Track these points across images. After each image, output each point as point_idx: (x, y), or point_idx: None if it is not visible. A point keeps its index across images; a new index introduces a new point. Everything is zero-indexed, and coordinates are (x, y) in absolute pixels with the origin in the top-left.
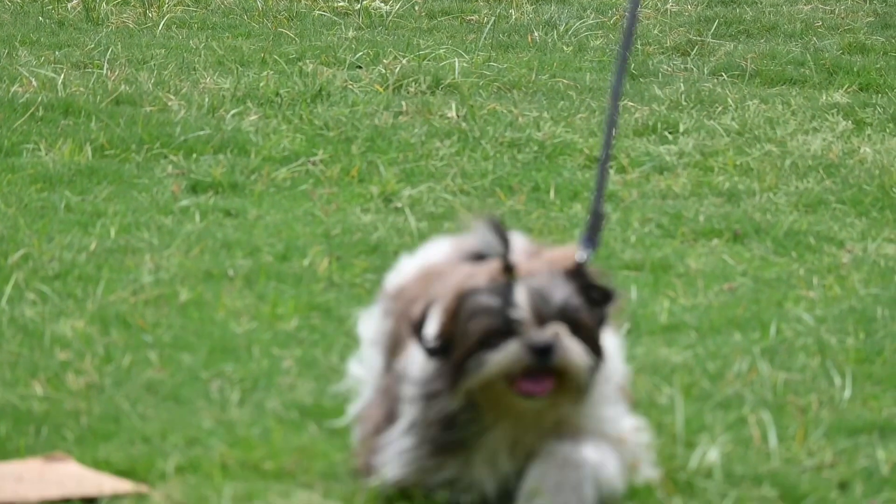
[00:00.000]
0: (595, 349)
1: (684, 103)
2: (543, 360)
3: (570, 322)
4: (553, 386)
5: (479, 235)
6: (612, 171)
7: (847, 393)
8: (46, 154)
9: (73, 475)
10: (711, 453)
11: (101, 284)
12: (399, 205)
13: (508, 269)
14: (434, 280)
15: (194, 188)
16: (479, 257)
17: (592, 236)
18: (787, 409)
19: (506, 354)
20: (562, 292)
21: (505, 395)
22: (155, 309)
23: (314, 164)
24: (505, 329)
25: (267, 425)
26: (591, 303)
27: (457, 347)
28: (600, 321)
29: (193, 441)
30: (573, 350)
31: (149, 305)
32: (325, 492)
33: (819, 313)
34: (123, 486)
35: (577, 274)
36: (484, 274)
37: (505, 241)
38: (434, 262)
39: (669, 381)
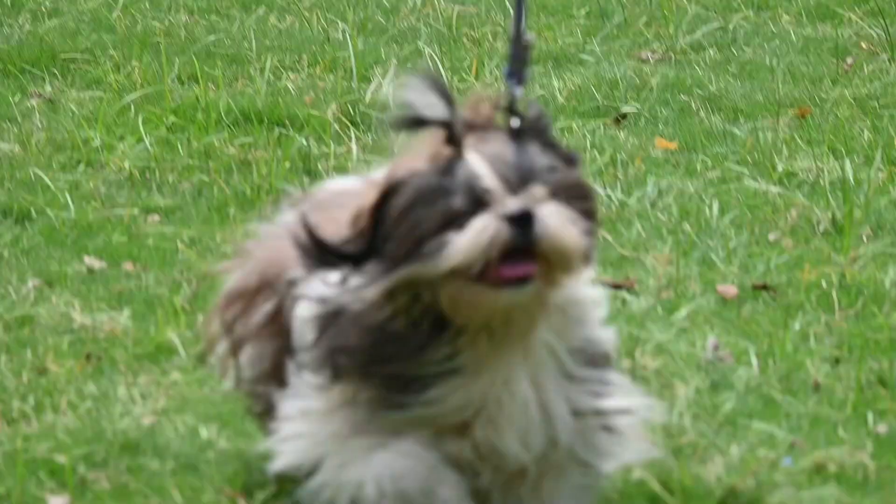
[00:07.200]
0: (588, 216)
1: None
2: (525, 234)
3: (548, 185)
4: (537, 270)
5: (416, 95)
6: None
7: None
8: None
9: None
10: (385, 87)
11: None
12: None
13: (454, 140)
14: (331, 207)
15: None
16: (417, 123)
17: (519, 70)
18: (461, 42)
19: (479, 231)
20: (527, 151)
21: (478, 296)
22: None
23: None
24: (469, 206)
25: None
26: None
27: (397, 242)
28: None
29: None
30: (558, 217)
31: None
32: None
33: None
34: None
35: (535, 130)
36: (413, 161)
37: (450, 103)
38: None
39: (344, 18)
